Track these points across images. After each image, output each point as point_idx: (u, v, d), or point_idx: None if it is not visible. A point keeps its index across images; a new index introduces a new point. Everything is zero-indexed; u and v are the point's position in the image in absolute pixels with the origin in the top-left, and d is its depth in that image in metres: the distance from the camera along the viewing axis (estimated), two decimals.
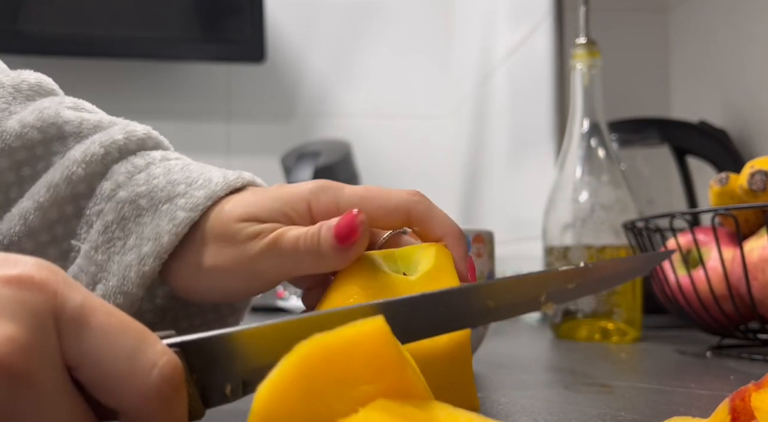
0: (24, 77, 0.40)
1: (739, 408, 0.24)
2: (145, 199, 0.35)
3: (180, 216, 0.34)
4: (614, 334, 0.76)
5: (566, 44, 1.12)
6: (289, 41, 1.79)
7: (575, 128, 0.81)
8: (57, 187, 0.35)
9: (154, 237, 0.34)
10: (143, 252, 0.34)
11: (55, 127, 0.37)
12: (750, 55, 0.97)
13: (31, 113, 0.37)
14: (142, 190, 0.35)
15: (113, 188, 0.35)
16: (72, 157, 0.36)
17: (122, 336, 0.22)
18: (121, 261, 0.34)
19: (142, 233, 0.34)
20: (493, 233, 0.56)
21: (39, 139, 0.37)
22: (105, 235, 0.35)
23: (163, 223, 0.34)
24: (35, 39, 1.57)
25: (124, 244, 0.35)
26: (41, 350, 0.21)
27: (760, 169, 0.62)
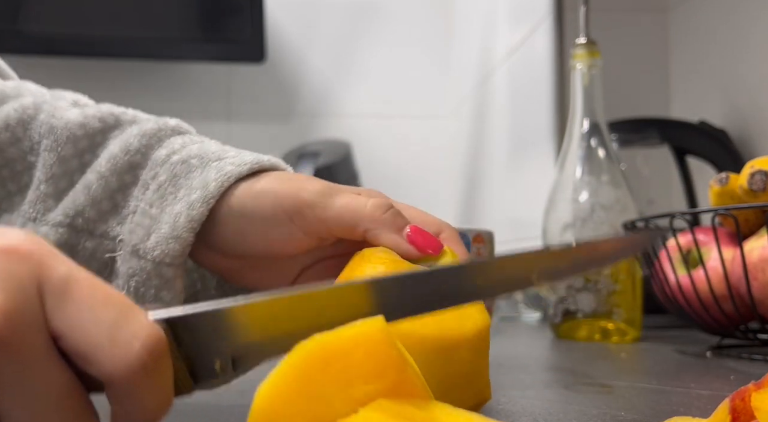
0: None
1: (739, 408, 0.24)
2: (196, 159, 0.38)
3: (227, 169, 0.36)
4: (614, 334, 0.76)
5: (566, 44, 1.12)
6: (289, 41, 1.79)
7: (575, 128, 0.81)
8: (116, 157, 0.38)
9: (202, 186, 0.36)
10: (192, 199, 0.36)
11: (113, 117, 0.40)
12: (750, 55, 0.97)
13: (91, 107, 0.41)
14: (194, 152, 0.38)
15: (168, 154, 0.38)
16: (129, 132, 0.39)
17: (106, 307, 0.22)
18: (171, 211, 0.36)
19: (191, 185, 0.37)
20: (493, 233, 0.56)
21: (99, 127, 0.40)
22: (158, 193, 0.37)
23: (212, 175, 0.36)
24: (35, 39, 1.57)
25: (175, 197, 0.37)
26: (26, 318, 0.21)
27: (760, 169, 0.62)
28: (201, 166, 0.37)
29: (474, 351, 0.31)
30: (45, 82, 1.56)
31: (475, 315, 0.32)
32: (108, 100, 1.58)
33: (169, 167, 0.38)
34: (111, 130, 0.40)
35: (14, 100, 0.41)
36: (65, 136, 0.39)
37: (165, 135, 0.40)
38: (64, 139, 0.39)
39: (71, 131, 0.39)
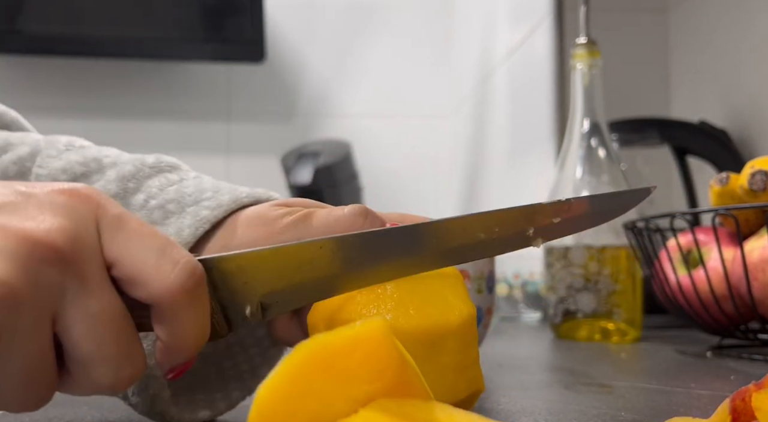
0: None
1: (740, 408, 0.24)
2: (173, 204, 0.38)
3: (203, 214, 0.36)
4: (614, 334, 0.76)
5: (566, 44, 1.12)
6: (289, 41, 1.79)
7: (575, 128, 0.81)
8: None
9: (176, 232, 0.36)
10: None
11: (95, 162, 0.41)
12: (750, 55, 0.97)
13: (75, 152, 0.41)
14: (171, 197, 0.38)
15: (145, 199, 0.38)
16: (108, 176, 0.39)
17: (152, 238, 0.26)
18: None
19: (167, 232, 0.37)
20: None
21: (81, 172, 0.40)
22: None
23: (187, 220, 0.37)
24: (35, 39, 1.57)
25: None
26: (86, 242, 0.24)
27: (761, 169, 0.62)
28: (178, 211, 0.37)
29: (461, 341, 0.31)
30: (45, 82, 1.56)
31: (460, 305, 0.32)
32: (108, 100, 1.57)
33: (147, 213, 0.38)
34: (92, 175, 0.40)
35: (12, 152, 0.42)
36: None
37: (143, 176, 0.39)
38: None
39: (54, 178, 0.40)
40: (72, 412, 0.37)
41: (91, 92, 1.70)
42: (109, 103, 1.71)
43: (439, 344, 0.30)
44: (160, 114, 1.73)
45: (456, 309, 0.32)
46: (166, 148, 1.72)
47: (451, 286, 0.33)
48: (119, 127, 1.70)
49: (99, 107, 1.70)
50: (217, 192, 0.38)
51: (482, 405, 0.40)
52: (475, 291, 0.52)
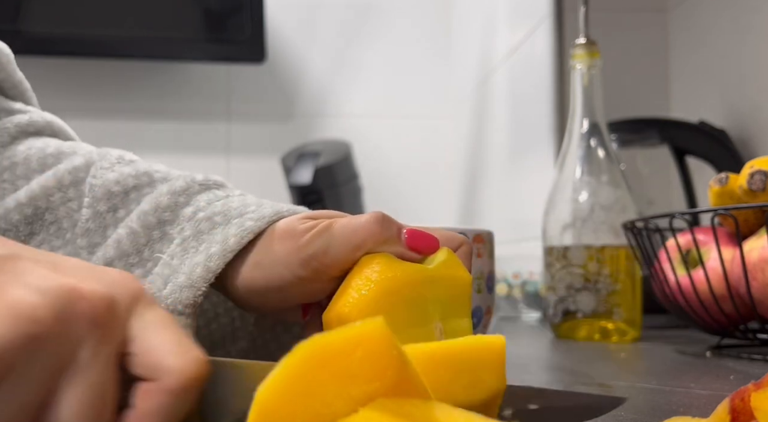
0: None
1: (739, 408, 0.25)
2: (220, 216, 0.40)
3: (247, 225, 0.39)
4: (614, 334, 0.76)
5: (566, 44, 1.13)
6: (289, 41, 1.79)
7: (575, 128, 0.81)
8: (146, 214, 0.41)
9: (222, 240, 0.39)
10: (211, 252, 0.39)
11: (147, 176, 0.43)
12: (750, 55, 0.97)
13: (128, 166, 0.44)
14: (218, 210, 0.41)
15: (194, 211, 0.41)
16: (160, 190, 0.42)
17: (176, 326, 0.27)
18: (191, 262, 0.39)
19: (212, 240, 0.39)
20: (492, 233, 0.56)
21: (133, 184, 0.43)
22: (182, 246, 0.40)
23: (232, 230, 0.39)
24: (35, 39, 1.57)
25: (196, 251, 0.39)
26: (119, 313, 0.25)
27: (760, 169, 0.62)
28: (224, 222, 0.40)
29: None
30: (45, 82, 1.56)
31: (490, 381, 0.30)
32: (109, 100, 1.57)
33: (194, 224, 0.40)
34: (143, 187, 0.43)
35: (68, 161, 0.44)
36: (101, 193, 0.43)
37: (193, 192, 0.42)
38: (99, 195, 0.43)
39: (107, 188, 0.43)
40: None
41: (91, 92, 1.70)
42: (110, 103, 1.71)
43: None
44: (160, 114, 1.73)
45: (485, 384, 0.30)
46: (166, 148, 1.72)
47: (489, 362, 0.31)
48: (119, 127, 1.70)
49: (99, 107, 1.70)
50: (261, 206, 0.40)
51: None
52: (475, 290, 0.52)
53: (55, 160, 0.45)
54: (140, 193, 0.43)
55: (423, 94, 1.83)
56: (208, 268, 0.38)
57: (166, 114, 1.73)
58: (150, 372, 0.25)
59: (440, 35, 1.83)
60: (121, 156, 0.45)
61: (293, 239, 0.37)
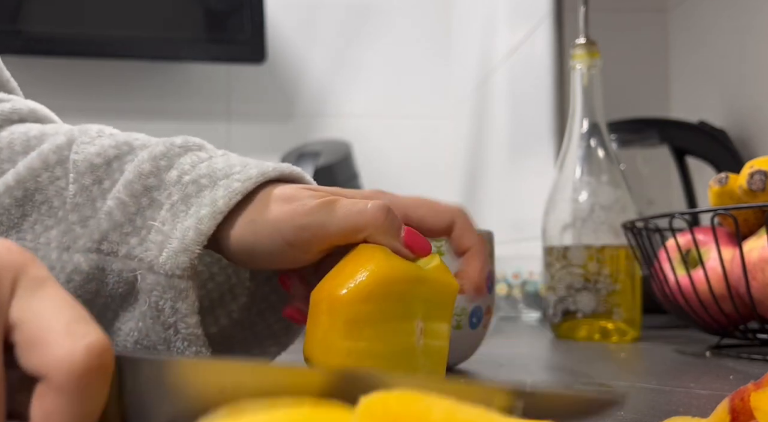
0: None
1: (739, 407, 0.25)
2: (206, 179, 0.40)
3: (234, 186, 0.39)
4: (614, 334, 0.76)
5: (566, 44, 1.13)
6: (289, 41, 1.79)
7: (575, 128, 0.81)
8: (131, 182, 0.41)
9: (211, 203, 0.39)
10: (201, 215, 0.39)
11: (126, 145, 0.43)
12: (750, 55, 0.97)
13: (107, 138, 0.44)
14: (203, 172, 0.41)
15: (179, 175, 0.41)
16: (141, 157, 0.42)
17: (70, 308, 0.23)
18: (182, 227, 0.39)
19: (201, 203, 0.39)
20: (492, 233, 0.56)
21: (114, 154, 0.43)
22: (171, 211, 0.40)
23: (220, 192, 0.39)
24: (35, 39, 1.57)
25: (186, 214, 0.40)
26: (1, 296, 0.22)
27: (760, 169, 0.62)
28: (210, 185, 0.40)
29: None
30: (45, 82, 1.56)
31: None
32: (109, 100, 1.57)
33: (181, 187, 0.40)
34: (125, 156, 0.43)
35: (51, 140, 0.45)
36: (84, 167, 0.43)
37: (173, 154, 0.42)
38: (83, 170, 0.43)
39: (90, 161, 0.43)
40: None
41: (91, 92, 1.70)
42: (110, 103, 1.71)
43: None
44: (160, 114, 1.73)
45: None
46: None
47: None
48: (119, 127, 1.69)
49: (99, 107, 1.70)
50: (246, 166, 0.40)
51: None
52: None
53: (39, 141, 0.45)
54: (122, 161, 0.43)
55: (423, 94, 1.83)
56: (200, 231, 0.38)
57: (166, 114, 1.73)
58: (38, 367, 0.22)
59: (440, 35, 1.83)
60: (101, 129, 0.45)
61: (292, 204, 0.38)
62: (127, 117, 1.70)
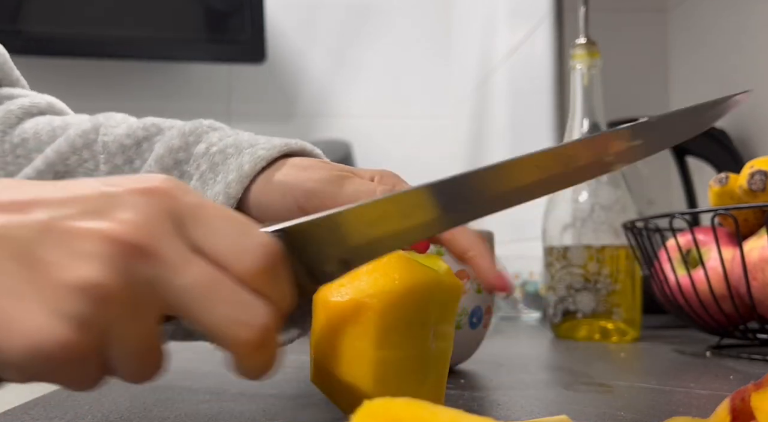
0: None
1: (739, 407, 0.25)
2: (232, 148, 0.42)
3: (259, 153, 0.41)
4: (614, 334, 0.76)
5: (566, 44, 1.13)
6: (289, 41, 1.79)
7: (575, 128, 0.82)
8: (162, 157, 0.43)
9: (237, 168, 0.40)
10: (229, 180, 0.41)
11: (155, 126, 0.46)
12: (749, 55, 0.97)
13: (135, 121, 0.47)
14: (230, 143, 0.43)
15: (207, 147, 0.43)
16: (170, 134, 0.44)
17: (231, 222, 0.27)
18: (212, 193, 0.41)
19: (228, 169, 0.41)
20: (492, 233, 0.56)
21: (143, 135, 0.45)
22: (201, 180, 0.42)
23: (245, 158, 0.41)
24: (36, 39, 1.57)
25: (215, 181, 0.42)
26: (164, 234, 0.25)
27: (760, 169, 0.62)
28: (236, 153, 0.42)
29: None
30: (45, 82, 1.57)
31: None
32: (109, 101, 1.58)
33: (208, 158, 0.42)
34: (153, 137, 0.45)
35: (76, 126, 0.47)
36: (114, 148, 0.45)
37: (203, 131, 0.44)
38: (114, 150, 0.45)
39: (120, 142, 0.45)
40: (72, 412, 0.37)
41: (92, 93, 1.70)
42: (110, 104, 1.70)
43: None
44: (160, 114, 1.71)
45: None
46: None
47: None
48: None
49: (100, 108, 1.69)
50: (270, 140, 0.43)
51: (482, 404, 0.40)
52: (474, 290, 0.52)
53: (63, 130, 0.47)
54: (151, 142, 0.45)
55: (423, 94, 1.83)
56: (228, 195, 0.40)
57: (166, 114, 1.72)
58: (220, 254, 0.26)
59: (440, 35, 1.83)
60: (125, 116, 0.48)
61: (307, 171, 0.39)
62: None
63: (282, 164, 0.41)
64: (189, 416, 0.36)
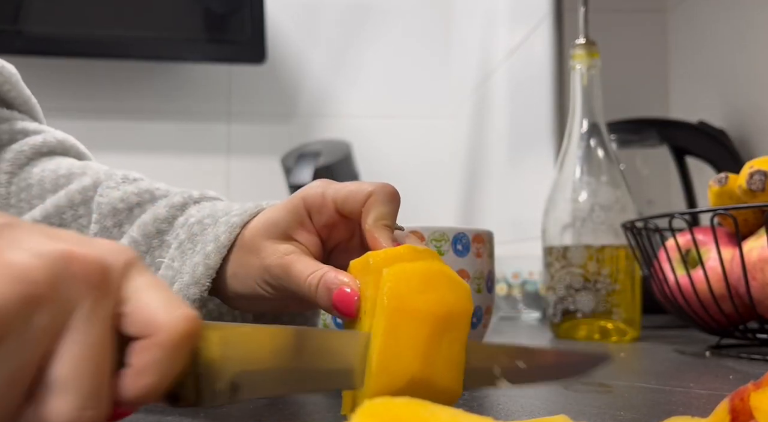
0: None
1: (738, 407, 0.25)
2: (209, 219, 0.44)
3: (233, 221, 0.42)
4: (613, 334, 0.76)
5: (565, 45, 1.13)
6: (289, 42, 1.79)
7: (574, 128, 0.82)
8: (146, 224, 0.46)
9: (214, 239, 0.42)
10: (207, 251, 0.42)
11: (148, 193, 0.48)
12: (749, 56, 0.97)
13: (131, 185, 0.48)
14: (206, 213, 0.45)
15: (186, 218, 0.45)
16: (159, 204, 0.47)
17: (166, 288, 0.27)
18: (191, 263, 0.43)
19: (206, 240, 0.43)
20: (492, 233, 0.56)
21: (136, 201, 0.47)
22: (179, 249, 0.44)
23: (221, 229, 0.42)
24: (36, 39, 1.57)
25: (193, 252, 0.43)
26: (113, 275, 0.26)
27: (759, 169, 0.62)
28: (212, 223, 0.44)
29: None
30: (46, 82, 1.55)
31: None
32: (109, 101, 1.57)
33: (187, 228, 0.44)
34: (146, 204, 0.47)
35: (78, 181, 0.49)
36: (107, 210, 0.47)
37: (188, 205, 0.46)
38: (106, 212, 0.47)
39: (113, 206, 0.47)
40: None
41: (92, 93, 1.70)
42: (111, 104, 1.71)
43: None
44: (161, 114, 1.73)
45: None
46: (167, 148, 1.72)
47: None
48: (120, 128, 1.70)
49: (100, 108, 1.70)
50: (243, 205, 0.44)
51: (482, 404, 0.40)
52: (474, 290, 0.52)
53: (67, 180, 0.50)
54: (143, 209, 0.47)
55: (423, 94, 1.83)
56: (207, 265, 0.42)
57: (166, 114, 1.73)
58: (143, 329, 0.26)
59: (440, 35, 1.83)
60: (126, 176, 0.49)
61: (257, 256, 0.41)
62: (128, 117, 1.71)
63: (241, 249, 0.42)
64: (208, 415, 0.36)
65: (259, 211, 0.43)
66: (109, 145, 1.66)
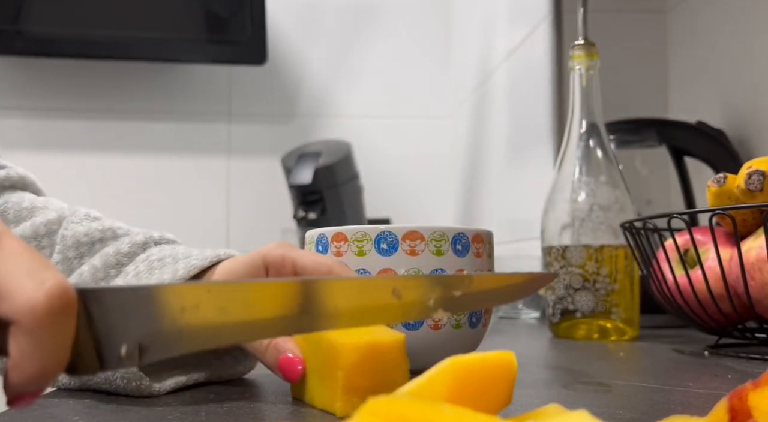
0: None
1: (737, 407, 0.25)
2: (169, 258, 0.47)
3: (193, 262, 0.45)
4: (612, 333, 0.77)
5: (565, 45, 1.13)
6: (290, 42, 1.79)
7: (574, 129, 0.82)
8: (107, 255, 0.48)
9: (173, 272, 0.45)
10: (163, 279, 0.44)
11: (111, 231, 0.50)
12: (748, 56, 0.97)
13: (95, 222, 0.51)
14: (167, 253, 0.47)
15: (147, 256, 0.47)
16: (122, 241, 0.49)
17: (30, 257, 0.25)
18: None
19: (163, 272, 0.45)
20: (492, 233, 0.56)
21: (99, 237, 0.49)
22: (137, 277, 0.46)
23: (180, 266, 0.45)
24: (37, 40, 1.57)
25: (149, 279, 0.45)
26: None
27: (758, 169, 0.62)
28: (172, 262, 0.46)
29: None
30: (47, 83, 1.56)
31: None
32: (109, 101, 1.57)
33: (147, 263, 0.47)
34: (108, 240, 0.49)
35: (42, 214, 0.51)
36: (71, 242, 0.49)
37: (149, 245, 0.49)
38: (69, 244, 0.49)
39: (77, 239, 0.49)
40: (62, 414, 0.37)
41: (92, 93, 1.70)
42: (111, 105, 1.71)
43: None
44: (161, 115, 1.73)
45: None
46: (167, 148, 1.72)
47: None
48: (120, 128, 1.70)
49: (100, 108, 1.70)
50: (203, 251, 0.47)
51: None
52: None
53: (29, 213, 0.51)
54: (104, 244, 0.49)
55: (423, 94, 1.83)
56: None
57: (167, 115, 1.73)
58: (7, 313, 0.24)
59: (440, 35, 1.84)
60: (88, 213, 0.51)
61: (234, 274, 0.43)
62: (128, 117, 1.71)
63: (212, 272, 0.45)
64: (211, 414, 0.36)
65: (219, 259, 0.45)
66: (109, 145, 1.66)
